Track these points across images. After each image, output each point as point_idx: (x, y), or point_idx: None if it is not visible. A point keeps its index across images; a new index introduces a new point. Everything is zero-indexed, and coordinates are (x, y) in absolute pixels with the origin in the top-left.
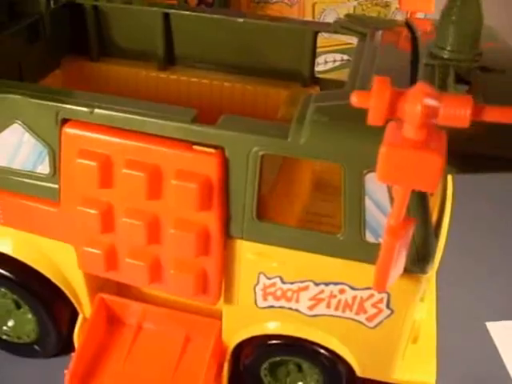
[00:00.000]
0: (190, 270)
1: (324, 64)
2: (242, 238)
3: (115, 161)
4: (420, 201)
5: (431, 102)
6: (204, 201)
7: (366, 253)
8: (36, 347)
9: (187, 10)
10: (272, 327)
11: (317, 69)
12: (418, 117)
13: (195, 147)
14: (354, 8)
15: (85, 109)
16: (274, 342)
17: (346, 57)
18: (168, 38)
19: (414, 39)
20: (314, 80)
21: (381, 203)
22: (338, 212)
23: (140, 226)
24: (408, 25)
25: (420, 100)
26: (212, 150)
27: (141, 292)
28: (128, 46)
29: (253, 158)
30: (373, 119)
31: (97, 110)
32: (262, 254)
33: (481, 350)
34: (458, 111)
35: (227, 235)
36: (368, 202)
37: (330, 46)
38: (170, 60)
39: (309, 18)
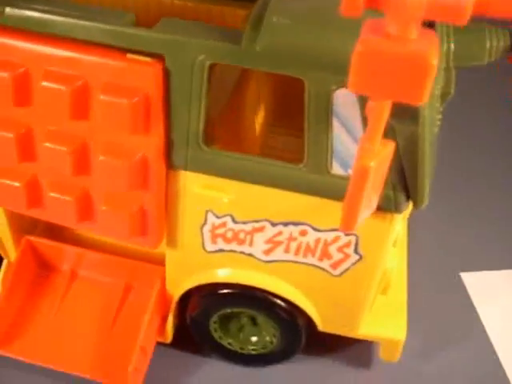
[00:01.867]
0: (125, 207)
1: None
2: (186, 169)
3: (33, 72)
4: (404, 120)
5: None
6: (139, 121)
7: (333, 187)
8: None
9: None
10: (222, 274)
11: None
12: (404, 8)
13: (129, 55)
14: None
15: None
16: (225, 291)
17: None
18: None
19: None
20: None
21: (352, 127)
22: (299, 147)
23: (64, 152)
24: None
25: None
26: (148, 59)
27: (75, 235)
28: None
29: (199, 68)
30: (347, 7)
31: (9, 10)
32: (210, 187)
33: (454, 302)
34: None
35: (168, 165)
36: (336, 126)
37: None
38: None
39: None
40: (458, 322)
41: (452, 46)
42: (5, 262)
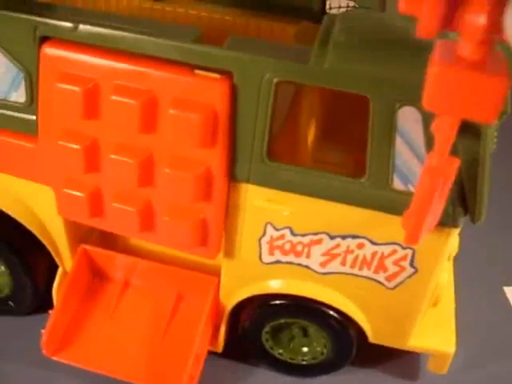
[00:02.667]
0: (188, 218)
1: (328, 10)
2: (248, 182)
3: (103, 86)
4: (468, 139)
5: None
6: (206, 135)
7: (393, 202)
8: (10, 303)
9: None
10: (277, 285)
11: None
12: (479, 30)
13: (197, 72)
14: None
15: (68, 24)
16: (279, 302)
17: (352, 3)
18: None
19: None
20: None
21: (414, 144)
22: (349, 162)
23: (130, 164)
24: None
25: (484, 8)
26: (217, 76)
27: (128, 245)
28: None
29: (266, 85)
30: (423, 30)
31: (82, 26)
32: (272, 200)
33: (497, 316)
34: None
35: (231, 178)
36: (399, 143)
37: None
38: None
39: None
40: (501, 334)
41: None
42: (59, 269)
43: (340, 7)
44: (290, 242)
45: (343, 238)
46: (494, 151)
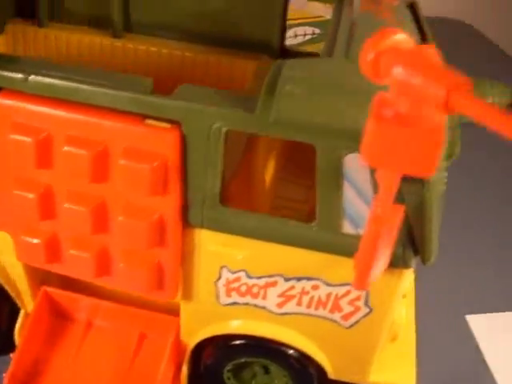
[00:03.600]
0: (143, 263)
1: (294, 37)
2: (202, 227)
3: (55, 137)
4: (412, 185)
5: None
6: (158, 184)
7: (344, 245)
8: None
9: None
10: (236, 326)
11: (286, 42)
12: (417, 89)
13: (148, 121)
14: None
15: (19, 75)
16: (238, 342)
17: (317, 30)
18: (124, 2)
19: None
20: (284, 52)
21: (362, 189)
22: (311, 197)
23: (84, 212)
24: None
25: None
26: (167, 125)
27: (90, 284)
28: (80, 9)
29: (215, 134)
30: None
31: (32, 78)
32: (226, 244)
33: (460, 345)
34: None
35: (185, 223)
36: (347, 188)
37: (301, 18)
38: (126, 26)
39: None
40: (464, 363)
41: None
42: (22, 312)
43: (305, 34)
44: (245, 284)
45: (298, 279)
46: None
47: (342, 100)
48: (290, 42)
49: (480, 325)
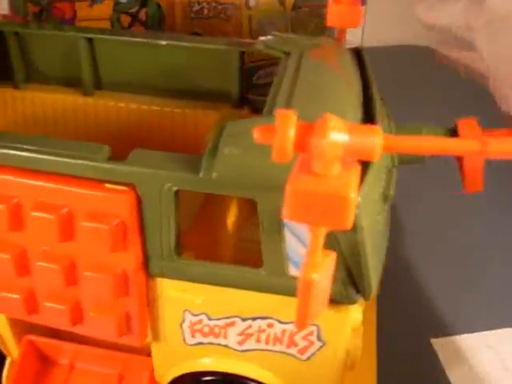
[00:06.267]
0: (111, 312)
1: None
2: (162, 276)
3: (24, 203)
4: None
5: (338, 135)
6: (118, 242)
7: (291, 286)
8: None
9: (110, 35)
10: (203, 364)
11: (258, 82)
12: (324, 152)
13: (107, 185)
14: (292, 19)
15: None
16: (208, 378)
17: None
18: (94, 63)
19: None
20: (244, 101)
21: (301, 235)
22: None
23: (55, 269)
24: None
25: (325, 134)
26: (124, 188)
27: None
28: (53, 72)
29: (166, 194)
30: (278, 157)
31: (1, 151)
32: (185, 291)
33: (425, 368)
34: (367, 143)
35: (147, 274)
36: (288, 235)
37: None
38: (96, 85)
39: (246, 31)
40: None
41: None
42: (8, 359)
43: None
44: (207, 325)
45: (253, 319)
46: None
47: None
48: (264, 81)
49: (443, 347)
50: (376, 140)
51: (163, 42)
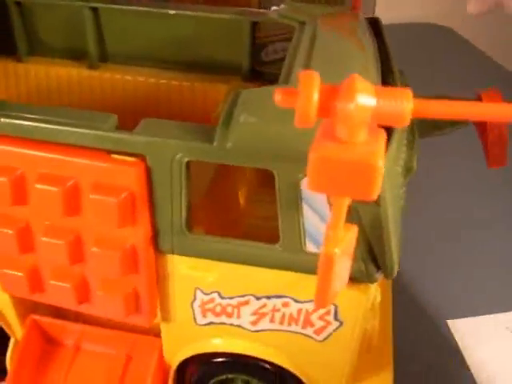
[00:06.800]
0: (119, 290)
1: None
2: (173, 253)
3: (28, 175)
4: (367, 205)
5: (366, 99)
6: (126, 216)
7: (308, 263)
8: None
9: (116, 4)
10: (214, 344)
11: (268, 59)
12: (351, 117)
13: (114, 156)
14: None
15: None
16: (219, 359)
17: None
18: (99, 34)
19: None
20: (255, 74)
21: (320, 210)
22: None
23: (61, 245)
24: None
25: (352, 97)
26: (132, 159)
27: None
28: (57, 44)
29: (177, 165)
30: (300, 122)
31: (3, 120)
32: (196, 268)
33: (442, 349)
34: (396, 108)
35: (157, 250)
36: (306, 210)
37: (280, 34)
38: (102, 57)
39: (255, 1)
40: (445, 367)
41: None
42: (12, 340)
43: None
44: (219, 304)
45: (268, 298)
46: None
47: (295, 129)
48: (272, 57)
49: (460, 328)
50: (406, 104)
51: (171, 12)
